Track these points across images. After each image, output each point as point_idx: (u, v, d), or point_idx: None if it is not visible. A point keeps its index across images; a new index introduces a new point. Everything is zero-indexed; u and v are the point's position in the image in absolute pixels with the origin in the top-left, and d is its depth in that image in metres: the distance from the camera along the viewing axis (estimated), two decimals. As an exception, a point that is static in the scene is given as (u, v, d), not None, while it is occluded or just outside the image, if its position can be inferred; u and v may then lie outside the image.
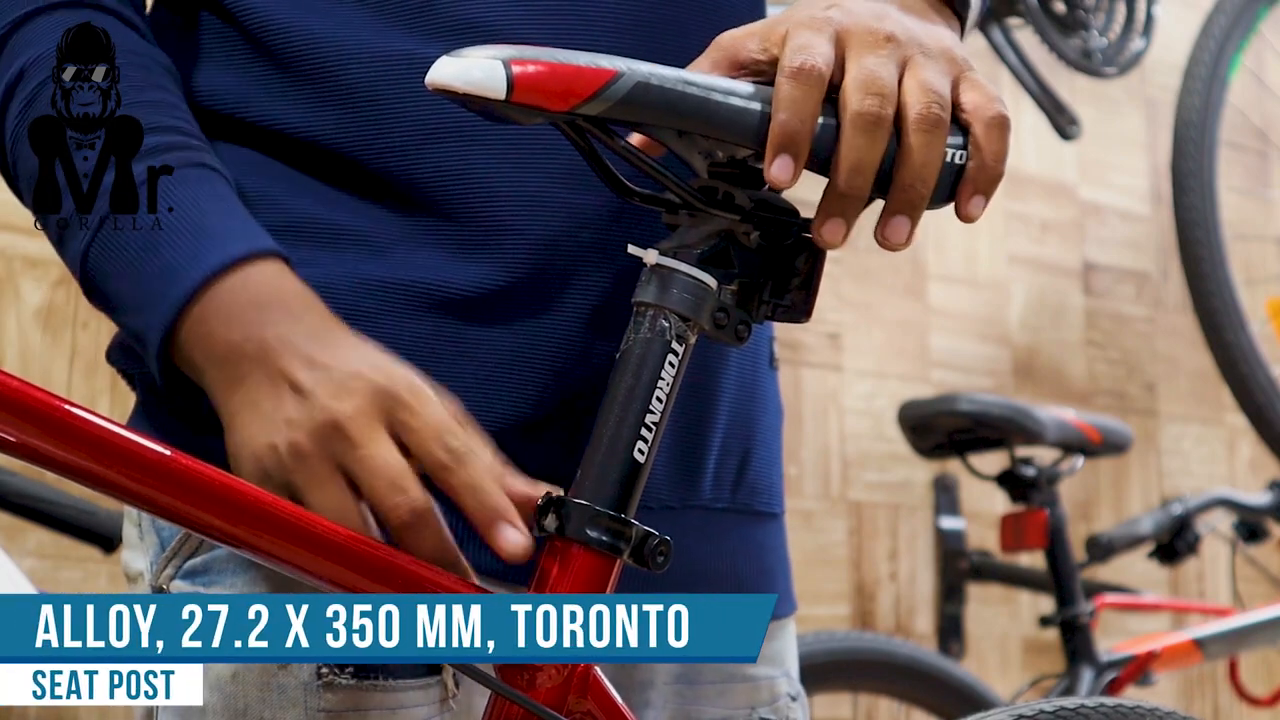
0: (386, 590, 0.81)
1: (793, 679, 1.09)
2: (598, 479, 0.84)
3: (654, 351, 0.86)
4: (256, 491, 0.79)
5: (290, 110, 0.95)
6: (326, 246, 0.94)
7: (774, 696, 1.06)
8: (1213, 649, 2.38)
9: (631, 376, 0.85)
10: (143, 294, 0.87)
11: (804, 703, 1.09)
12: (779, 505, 1.10)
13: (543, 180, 0.95)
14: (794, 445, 2.60)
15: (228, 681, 0.90)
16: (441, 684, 0.92)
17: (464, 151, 0.94)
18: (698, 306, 0.86)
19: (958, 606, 2.70)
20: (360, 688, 0.90)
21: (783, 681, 1.07)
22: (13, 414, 0.73)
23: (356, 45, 0.95)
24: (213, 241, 0.87)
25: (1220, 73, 2.82)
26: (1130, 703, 1.01)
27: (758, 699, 1.05)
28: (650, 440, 0.85)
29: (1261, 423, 2.74)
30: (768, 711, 1.06)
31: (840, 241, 0.88)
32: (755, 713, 1.05)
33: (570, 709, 0.85)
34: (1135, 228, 3.15)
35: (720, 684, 1.03)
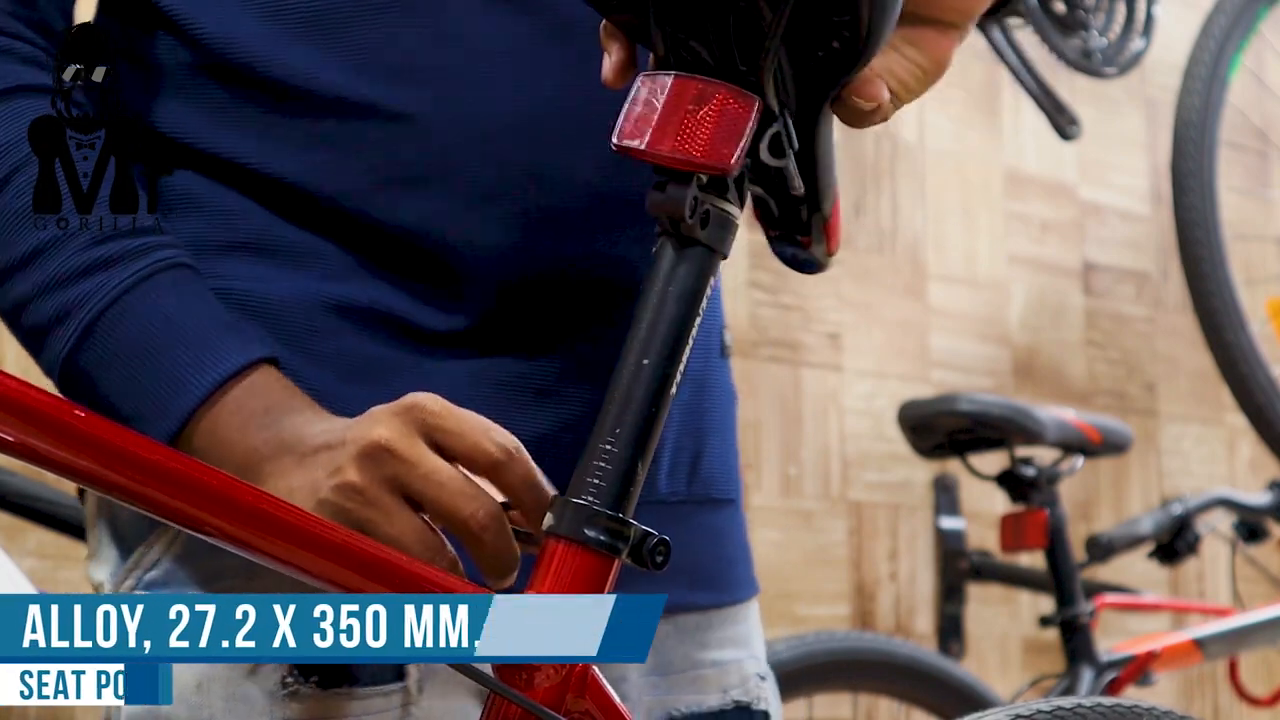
0: (387, 590, 0.81)
1: (759, 660, 1.10)
2: (596, 477, 0.84)
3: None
4: (256, 492, 0.79)
5: (242, 142, 0.95)
6: (285, 264, 0.94)
7: (743, 678, 1.07)
8: (1213, 649, 2.38)
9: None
10: (143, 403, 0.87)
11: (773, 682, 1.10)
12: (735, 491, 1.10)
13: (501, 229, 0.95)
14: (794, 445, 2.60)
15: (193, 692, 0.91)
16: (405, 690, 0.93)
17: (421, 200, 0.94)
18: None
19: (958, 606, 2.71)
20: (325, 695, 0.91)
21: (750, 663, 1.08)
22: (13, 414, 0.73)
23: (318, 86, 0.94)
24: (213, 352, 0.88)
25: (1220, 73, 2.82)
26: (1129, 702, 1.01)
27: (728, 682, 1.06)
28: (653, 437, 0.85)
29: (1261, 423, 2.73)
30: (739, 693, 1.07)
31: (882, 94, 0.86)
32: (728, 695, 1.06)
33: (568, 709, 0.84)
34: (1135, 228, 3.15)
35: (690, 672, 1.04)
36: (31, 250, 0.88)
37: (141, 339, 0.88)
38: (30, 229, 0.88)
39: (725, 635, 1.07)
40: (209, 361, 0.88)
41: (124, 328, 0.88)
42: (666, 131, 0.83)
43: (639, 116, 0.84)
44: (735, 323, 2.56)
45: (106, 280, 0.88)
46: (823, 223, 0.92)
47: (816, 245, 0.93)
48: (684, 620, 1.04)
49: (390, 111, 0.94)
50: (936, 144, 2.88)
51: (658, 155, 0.83)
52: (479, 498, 0.83)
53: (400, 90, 0.94)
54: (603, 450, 0.84)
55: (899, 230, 2.79)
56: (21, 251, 0.88)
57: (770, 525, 2.54)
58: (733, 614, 1.08)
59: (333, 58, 0.94)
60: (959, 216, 2.89)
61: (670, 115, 0.84)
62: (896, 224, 2.79)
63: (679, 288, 0.86)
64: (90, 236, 0.88)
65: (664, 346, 0.85)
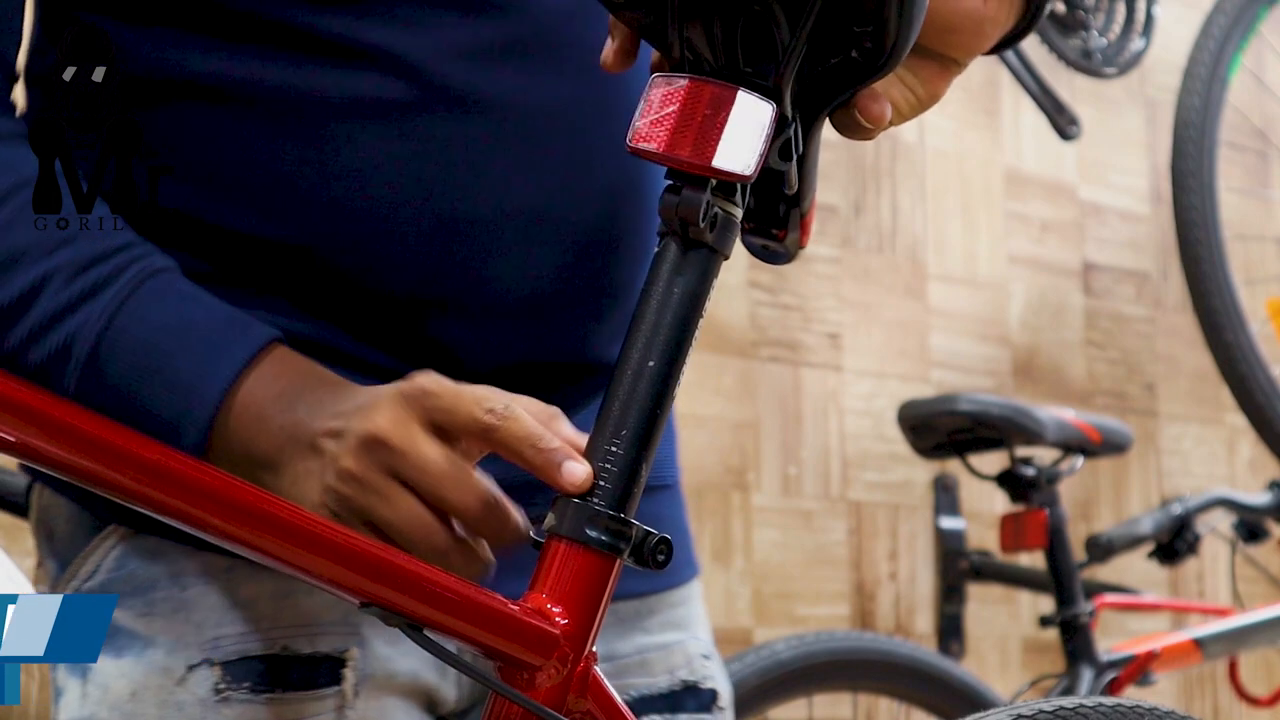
0: (387, 590, 0.81)
1: (702, 640, 1.11)
2: (600, 478, 0.84)
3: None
4: (256, 491, 0.79)
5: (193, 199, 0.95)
6: (239, 299, 0.94)
7: (688, 659, 1.09)
8: (1213, 649, 2.38)
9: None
10: (161, 421, 0.88)
11: (717, 660, 1.12)
12: (672, 476, 1.11)
13: (451, 285, 0.95)
14: (794, 445, 2.60)
15: (126, 700, 0.93)
16: (339, 694, 0.94)
17: (368, 254, 0.94)
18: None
19: (958, 606, 2.70)
20: (257, 701, 0.92)
21: (693, 644, 1.10)
22: (13, 414, 0.73)
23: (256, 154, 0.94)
24: (216, 352, 0.88)
25: (1220, 73, 2.82)
26: (1130, 702, 1.01)
27: (674, 663, 1.08)
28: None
29: (1261, 423, 2.74)
30: (686, 674, 1.09)
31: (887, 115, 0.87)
32: (675, 675, 1.08)
33: (570, 708, 0.85)
34: (1135, 228, 3.15)
35: (636, 656, 1.06)
36: (17, 297, 0.88)
37: (143, 358, 0.88)
38: (17, 273, 0.88)
39: (666, 619, 1.09)
40: (214, 363, 0.88)
41: (123, 351, 0.88)
42: (685, 136, 0.83)
43: (655, 119, 0.84)
44: (735, 322, 2.56)
45: (92, 310, 0.88)
46: (800, 218, 0.92)
47: (790, 238, 0.93)
48: (623, 609, 1.05)
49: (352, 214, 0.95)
50: (936, 144, 2.88)
51: (677, 160, 0.83)
52: (465, 483, 0.84)
53: (360, 194, 0.94)
54: (607, 451, 0.84)
55: (899, 230, 2.79)
56: (8, 298, 0.88)
57: (770, 525, 2.54)
58: (671, 598, 1.10)
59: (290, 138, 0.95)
60: (959, 216, 2.89)
61: (688, 119, 0.83)
62: (896, 224, 2.79)
63: (683, 289, 0.86)
64: (67, 274, 0.88)
65: (668, 347, 0.85)
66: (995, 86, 2.96)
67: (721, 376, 2.53)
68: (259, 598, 0.95)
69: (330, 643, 0.95)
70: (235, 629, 0.94)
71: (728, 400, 2.53)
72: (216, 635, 0.94)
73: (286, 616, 0.94)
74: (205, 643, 0.93)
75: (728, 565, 2.48)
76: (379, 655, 0.97)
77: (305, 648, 0.94)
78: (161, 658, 0.93)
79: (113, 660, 0.94)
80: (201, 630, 0.94)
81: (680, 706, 1.07)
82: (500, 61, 0.95)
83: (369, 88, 0.93)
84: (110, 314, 0.88)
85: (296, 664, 0.94)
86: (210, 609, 0.94)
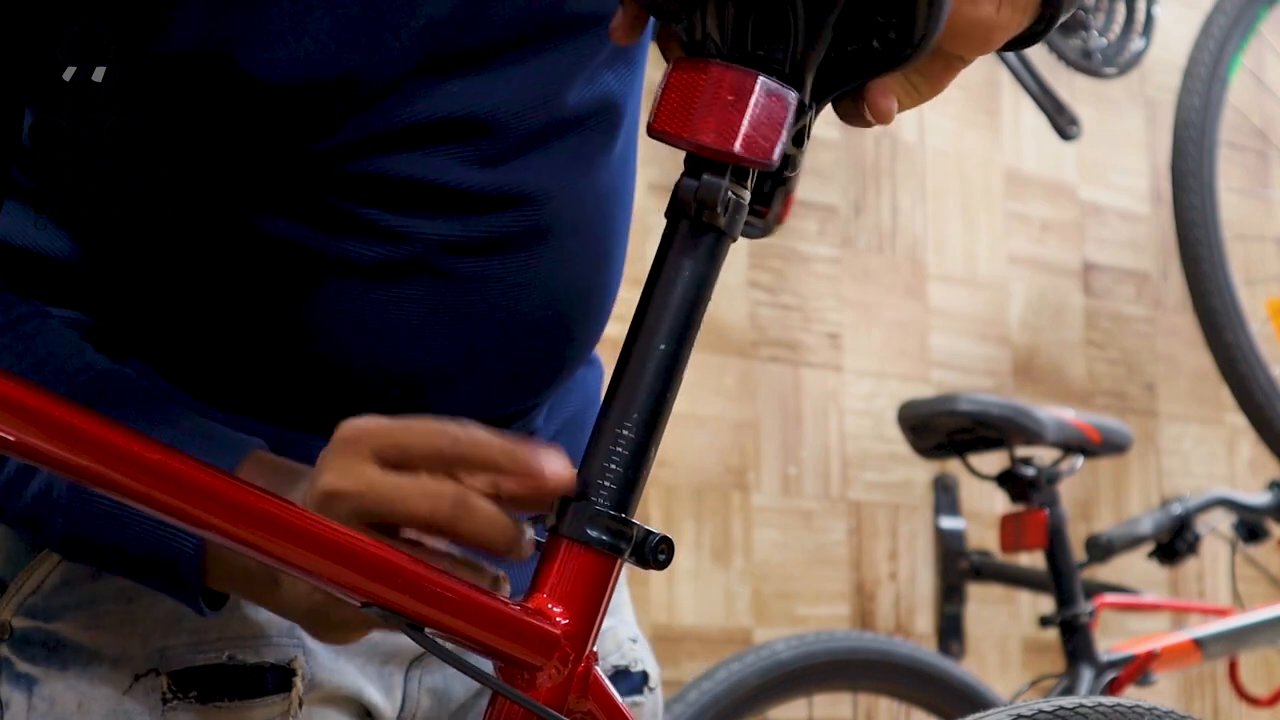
0: (388, 590, 0.80)
1: (629, 624, 1.13)
2: (605, 479, 0.84)
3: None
4: (256, 492, 0.79)
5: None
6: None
7: (618, 644, 1.11)
8: (1213, 649, 2.38)
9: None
10: (155, 562, 0.88)
11: (642, 643, 1.13)
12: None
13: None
14: (794, 445, 2.60)
15: (74, 713, 0.93)
16: (286, 700, 0.95)
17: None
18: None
19: (958, 606, 2.70)
20: (205, 709, 0.93)
21: (621, 628, 1.12)
22: (13, 414, 0.73)
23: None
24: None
25: (1220, 73, 2.82)
26: (1129, 702, 1.01)
27: (604, 649, 1.09)
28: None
29: (1261, 423, 2.73)
30: (616, 658, 1.10)
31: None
32: (606, 661, 1.09)
33: (570, 709, 0.84)
34: (1135, 228, 3.15)
35: None
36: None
37: (116, 508, 0.87)
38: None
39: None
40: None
41: (96, 502, 0.88)
42: (708, 122, 0.83)
43: (678, 104, 0.84)
44: (735, 322, 2.56)
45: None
46: (785, 195, 0.92)
47: (771, 214, 0.93)
48: None
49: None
50: (936, 144, 2.88)
51: (700, 146, 0.83)
52: (431, 491, 0.83)
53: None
54: (618, 435, 0.84)
55: (899, 230, 2.79)
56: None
57: (770, 525, 2.54)
58: None
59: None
60: (959, 216, 2.89)
61: (711, 105, 0.83)
62: (896, 224, 2.79)
63: (693, 272, 0.85)
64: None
65: (677, 330, 0.85)
66: (995, 86, 2.96)
67: (721, 376, 2.53)
68: None
69: (275, 653, 0.96)
70: (181, 640, 0.94)
71: (728, 400, 2.53)
72: (163, 646, 0.94)
73: (233, 628, 0.95)
74: (152, 653, 0.94)
75: (728, 565, 2.48)
76: (324, 667, 0.98)
77: (251, 657, 0.95)
78: (107, 670, 0.94)
79: (58, 673, 0.95)
80: (148, 641, 0.94)
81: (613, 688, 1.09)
82: (496, 247, 0.96)
83: (358, 250, 0.94)
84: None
85: (242, 673, 0.95)
86: (157, 621, 0.95)
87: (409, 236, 0.94)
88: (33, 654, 0.96)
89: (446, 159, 0.94)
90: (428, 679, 1.03)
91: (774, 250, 2.62)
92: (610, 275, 1.04)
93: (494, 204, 0.96)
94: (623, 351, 0.86)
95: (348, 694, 0.99)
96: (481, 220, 0.95)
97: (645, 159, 1.18)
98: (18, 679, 0.96)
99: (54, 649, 0.96)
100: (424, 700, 1.03)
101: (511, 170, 0.96)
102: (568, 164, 0.99)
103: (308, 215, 0.93)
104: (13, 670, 0.96)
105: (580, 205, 0.99)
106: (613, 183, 1.03)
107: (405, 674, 1.03)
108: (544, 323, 0.99)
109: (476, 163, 0.95)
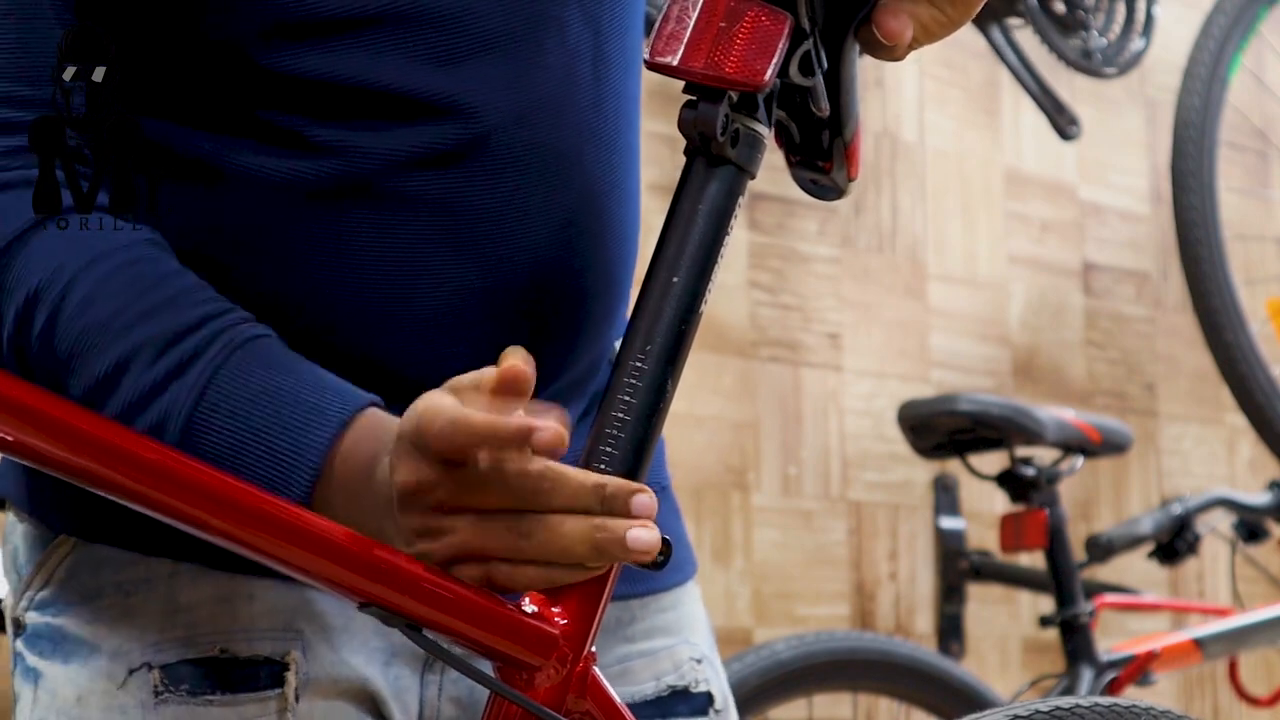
0: (386, 591, 0.81)
1: (694, 644, 1.09)
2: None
3: None
4: (256, 492, 0.79)
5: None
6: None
7: (676, 664, 1.08)
8: (1213, 649, 2.38)
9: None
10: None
11: (710, 663, 1.10)
12: (665, 478, 1.11)
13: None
14: (794, 445, 2.60)
15: (73, 705, 0.95)
16: (281, 697, 0.95)
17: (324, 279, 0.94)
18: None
19: (958, 606, 2.70)
20: (196, 703, 0.93)
21: (683, 648, 1.08)
22: (12, 414, 0.73)
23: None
24: (310, 421, 0.86)
25: (1220, 73, 2.82)
26: (1126, 702, 1.01)
27: (660, 669, 1.07)
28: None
29: (1261, 423, 2.73)
30: (674, 679, 1.07)
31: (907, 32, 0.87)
32: (662, 682, 1.06)
33: (569, 709, 0.84)
34: (1135, 228, 3.15)
35: (616, 666, 1.04)
36: (101, 379, 0.87)
37: (237, 434, 0.86)
38: (100, 352, 0.86)
39: (652, 625, 1.07)
40: (308, 433, 0.86)
41: (215, 427, 0.86)
42: (699, 48, 0.83)
43: (671, 34, 0.84)
44: (735, 323, 2.56)
45: (181, 388, 0.86)
46: (844, 148, 0.92)
47: (838, 171, 0.93)
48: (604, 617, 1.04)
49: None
50: (936, 144, 2.88)
51: (690, 72, 0.83)
52: (509, 479, 0.81)
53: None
54: (627, 379, 0.83)
55: (899, 230, 2.79)
56: (97, 374, 0.86)
57: (770, 525, 2.54)
58: (658, 602, 1.08)
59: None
60: (959, 216, 2.89)
61: (703, 32, 0.83)
62: (896, 224, 2.79)
63: (709, 205, 0.85)
64: (152, 352, 0.86)
65: (694, 264, 0.85)
66: (995, 86, 2.96)
67: (721, 376, 2.53)
68: (199, 603, 0.96)
69: (268, 646, 0.96)
70: (175, 633, 0.95)
71: (727, 400, 2.53)
72: (158, 640, 0.95)
73: (225, 621, 0.95)
74: (146, 647, 0.95)
75: (728, 565, 2.48)
76: (323, 660, 0.97)
77: (243, 650, 0.95)
78: (105, 663, 0.95)
79: (61, 666, 0.96)
80: (144, 635, 0.95)
81: (671, 712, 1.06)
82: (440, 166, 0.94)
83: (291, 168, 0.92)
84: (200, 390, 0.86)
85: (235, 666, 0.95)
86: (153, 615, 0.95)
87: (343, 150, 0.92)
88: (40, 648, 0.98)
89: (369, 57, 0.91)
90: (450, 688, 1.01)
91: (774, 250, 2.62)
92: (612, 222, 0.99)
93: (430, 113, 0.93)
94: (644, 282, 0.85)
95: (353, 684, 0.98)
96: (423, 131, 0.93)
97: (646, 159, 1.18)
98: (28, 672, 0.98)
99: (58, 642, 0.97)
100: (446, 709, 1.01)
101: (454, 76, 0.93)
102: (530, 74, 0.96)
103: (231, 128, 0.91)
104: (24, 664, 0.98)
105: (551, 126, 0.94)
106: (599, 113, 0.99)
107: (421, 679, 1.01)
108: (539, 263, 0.95)
109: (409, 62, 0.92)
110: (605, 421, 0.84)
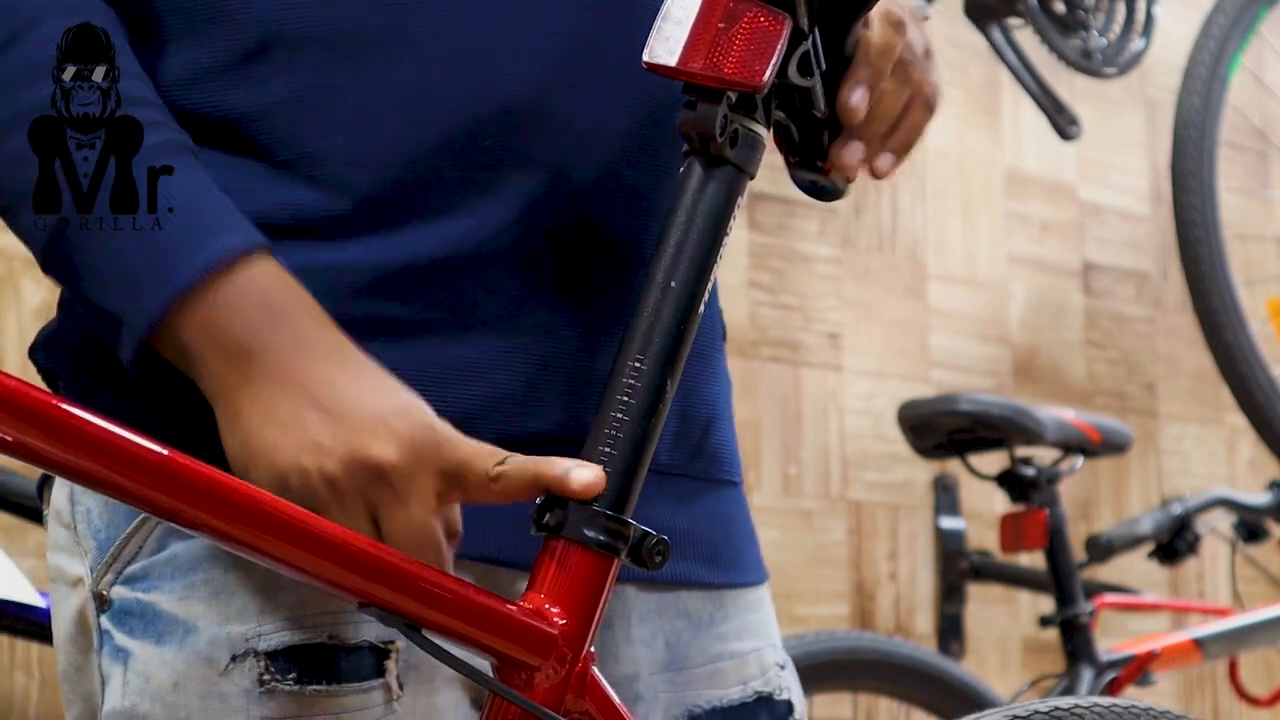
0: (386, 590, 0.81)
1: (777, 648, 1.07)
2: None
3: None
4: (256, 492, 0.79)
5: (235, 95, 0.93)
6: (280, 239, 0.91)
7: (763, 669, 1.05)
8: (1213, 649, 2.38)
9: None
10: (132, 275, 0.85)
11: (792, 670, 1.08)
12: (739, 474, 1.09)
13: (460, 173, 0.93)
14: (794, 445, 2.60)
15: (169, 691, 0.89)
16: (385, 686, 0.90)
17: (392, 149, 0.92)
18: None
19: (958, 606, 2.70)
20: (303, 694, 0.88)
21: (769, 652, 1.06)
22: (12, 414, 0.74)
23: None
24: (213, 232, 0.86)
25: (1220, 73, 2.82)
26: (1125, 702, 1.01)
27: (747, 673, 1.04)
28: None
29: (1261, 423, 2.73)
30: (760, 684, 1.04)
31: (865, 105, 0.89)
32: (749, 687, 1.04)
33: (568, 709, 0.85)
34: (1135, 228, 3.15)
35: (708, 665, 1.02)
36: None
37: (147, 231, 0.85)
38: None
39: (742, 624, 1.05)
40: (206, 240, 0.85)
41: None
42: (698, 49, 0.83)
43: (669, 34, 0.84)
44: (735, 322, 2.56)
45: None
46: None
47: (836, 172, 0.93)
48: (698, 612, 1.02)
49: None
50: (936, 144, 2.88)
51: (689, 73, 0.84)
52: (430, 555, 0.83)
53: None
54: (630, 367, 0.84)
55: (899, 230, 2.79)
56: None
57: (770, 525, 2.54)
58: (746, 600, 1.06)
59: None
60: (959, 216, 2.89)
61: (701, 33, 0.84)
62: (896, 224, 2.79)
63: (707, 206, 0.85)
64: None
65: (692, 265, 0.85)
66: (995, 86, 2.96)
67: (721, 376, 2.53)
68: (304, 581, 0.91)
69: (374, 631, 0.90)
70: (279, 615, 0.89)
71: (728, 400, 2.53)
72: (260, 622, 0.89)
73: (334, 600, 0.88)
74: (249, 630, 0.89)
75: (728, 565, 2.47)
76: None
77: (351, 636, 0.90)
78: (204, 646, 0.89)
79: (154, 648, 0.90)
80: (244, 616, 0.89)
81: (753, 718, 1.03)
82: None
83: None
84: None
85: (342, 653, 0.90)
86: (253, 593, 0.89)
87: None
88: (130, 625, 0.91)
89: None
90: None
91: (774, 250, 2.62)
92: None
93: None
94: (642, 283, 0.85)
95: (453, 672, 0.92)
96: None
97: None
98: (117, 653, 0.91)
99: (151, 620, 0.90)
100: None
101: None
102: None
103: None
104: (113, 643, 0.91)
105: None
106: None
107: None
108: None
109: None
110: (603, 422, 0.84)
